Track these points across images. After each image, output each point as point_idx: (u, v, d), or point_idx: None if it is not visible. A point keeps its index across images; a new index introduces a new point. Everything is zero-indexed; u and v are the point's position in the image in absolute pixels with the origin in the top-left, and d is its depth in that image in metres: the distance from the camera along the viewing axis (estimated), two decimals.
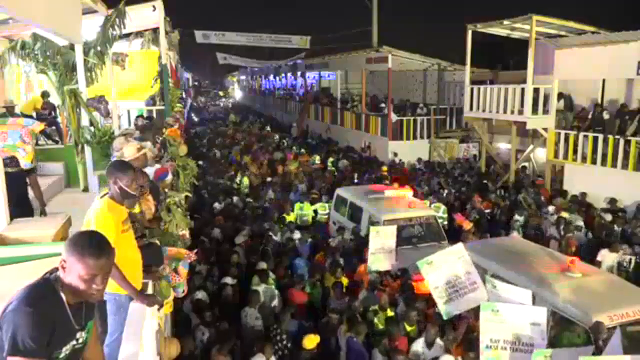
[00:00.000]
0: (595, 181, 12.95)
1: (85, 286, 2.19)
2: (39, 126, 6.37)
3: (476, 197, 12.62)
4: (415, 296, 7.70)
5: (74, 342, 2.30)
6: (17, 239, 4.29)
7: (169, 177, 6.09)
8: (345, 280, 8.54)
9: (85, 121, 7.83)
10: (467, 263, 6.65)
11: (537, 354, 5.40)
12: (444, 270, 6.49)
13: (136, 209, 4.24)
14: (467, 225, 11.11)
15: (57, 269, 2.24)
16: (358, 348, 6.67)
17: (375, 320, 7.27)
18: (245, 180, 15.97)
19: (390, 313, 7.43)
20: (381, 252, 8.60)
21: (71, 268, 2.18)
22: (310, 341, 6.47)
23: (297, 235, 10.87)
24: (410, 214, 10.68)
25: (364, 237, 10.64)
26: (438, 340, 6.49)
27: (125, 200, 3.61)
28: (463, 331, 6.51)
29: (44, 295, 2.16)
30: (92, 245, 2.23)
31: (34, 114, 9.77)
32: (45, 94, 10.44)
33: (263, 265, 8.82)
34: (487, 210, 12.43)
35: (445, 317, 6.53)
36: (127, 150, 4.77)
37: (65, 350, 2.25)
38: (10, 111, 8.63)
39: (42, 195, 6.12)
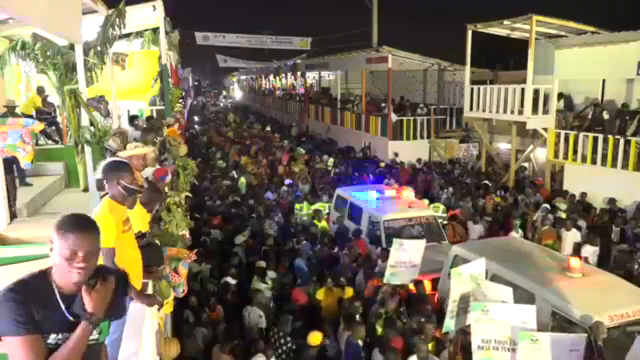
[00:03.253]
0: (595, 181, 12.94)
1: (66, 264, 2.19)
2: (39, 126, 6.35)
3: (488, 200, 12.60)
4: (422, 308, 7.35)
5: (69, 335, 2.25)
6: (17, 239, 4.30)
7: (168, 178, 6.08)
8: (350, 292, 8.28)
9: (85, 121, 7.82)
10: (483, 282, 6.34)
11: (522, 336, 5.42)
12: (465, 284, 6.28)
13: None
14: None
15: None
16: (356, 347, 6.67)
17: (377, 325, 7.13)
18: (243, 181, 15.95)
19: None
20: (403, 266, 8.03)
21: (55, 247, 2.21)
22: (315, 338, 6.48)
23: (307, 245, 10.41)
24: (410, 214, 10.69)
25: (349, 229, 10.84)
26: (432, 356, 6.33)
27: (127, 199, 3.61)
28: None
29: (30, 281, 2.21)
30: (74, 221, 2.26)
31: (34, 114, 9.76)
32: (40, 90, 10.40)
33: (262, 264, 8.81)
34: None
35: (443, 330, 6.46)
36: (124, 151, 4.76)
37: (58, 338, 2.22)
38: (10, 111, 8.62)
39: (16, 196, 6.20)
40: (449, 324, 6.27)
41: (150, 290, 3.97)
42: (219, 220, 11.78)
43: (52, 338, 2.22)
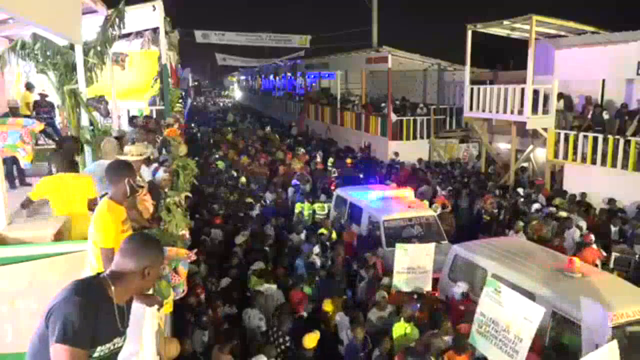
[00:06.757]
0: (595, 181, 12.95)
1: (151, 283, 2.49)
2: (38, 126, 6.37)
3: (486, 199, 12.61)
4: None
5: (111, 345, 2.28)
6: (17, 239, 4.28)
7: (160, 174, 6.06)
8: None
9: (85, 121, 7.82)
10: (528, 329, 5.51)
11: (490, 282, 5.72)
12: (503, 309, 5.72)
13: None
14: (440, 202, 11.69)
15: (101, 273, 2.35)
16: (354, 344, 6.68)
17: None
18: (243, 180, 15.94)
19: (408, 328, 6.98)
20: (410, 272, 7.89)
21: (155, 270, 2.36)
22: (311, 340, 6.43)
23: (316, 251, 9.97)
24: (410, 214, 10.68)
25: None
26: None
27: (127, 199, 3.61)
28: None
29: (92, 288, 2.20)
30: (155, 240, 2.54)
31: (33, 113, 9.75)
32: (29, 86, 10.34)
33: (261, 265, 8.79)
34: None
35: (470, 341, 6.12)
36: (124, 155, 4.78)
37: (101, 350, 2.21)
38: (13, 112, 8.62)
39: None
40: (477, 340, 5.96)
41: (150, 291, 3.96)
42: (220, 220, 11.78)
43: (99, 351, 2.20)
